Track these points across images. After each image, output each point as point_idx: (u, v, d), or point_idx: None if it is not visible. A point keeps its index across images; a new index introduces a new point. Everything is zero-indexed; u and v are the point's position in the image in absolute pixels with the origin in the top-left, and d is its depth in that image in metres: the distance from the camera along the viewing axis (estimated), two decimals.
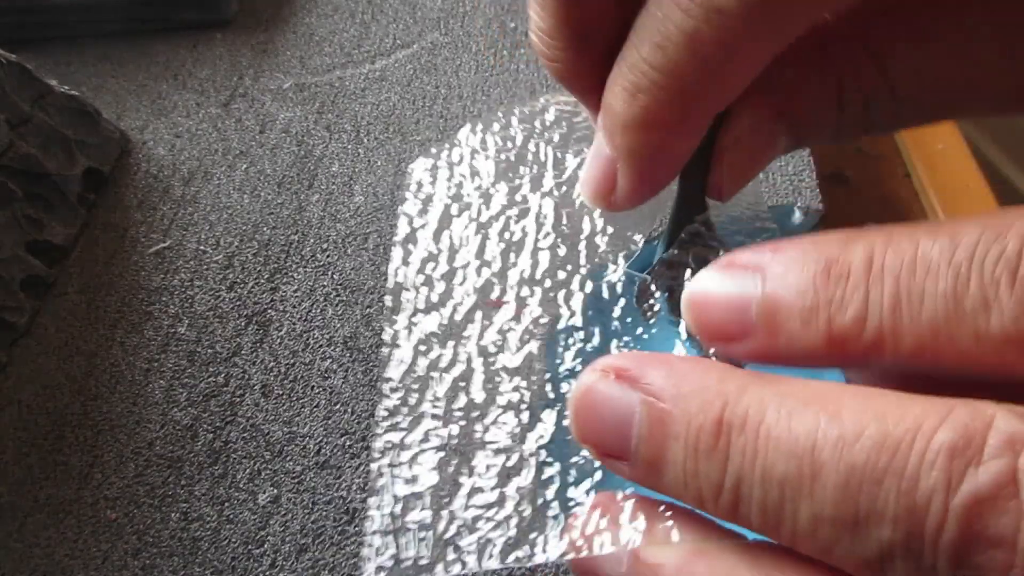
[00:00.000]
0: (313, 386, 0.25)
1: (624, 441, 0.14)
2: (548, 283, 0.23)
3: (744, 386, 0.13)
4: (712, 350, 0.15)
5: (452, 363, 0.22)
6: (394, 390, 0.21)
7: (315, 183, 0.31)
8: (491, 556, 0.18)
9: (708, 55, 0.15)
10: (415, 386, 0.21)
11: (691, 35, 0.15)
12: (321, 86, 0.35)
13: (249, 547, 0.22)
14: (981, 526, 0.10)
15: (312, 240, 0.29)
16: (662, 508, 0.14)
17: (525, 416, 0.22)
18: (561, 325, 0.22)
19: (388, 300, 0.23)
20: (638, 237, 0.23)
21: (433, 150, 0.27)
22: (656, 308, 0.20)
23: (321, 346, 0.26)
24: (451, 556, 0.18)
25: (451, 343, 0.22)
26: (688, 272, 0.19)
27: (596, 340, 0.20)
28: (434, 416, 0.21)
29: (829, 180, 0.27)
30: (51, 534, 0.23)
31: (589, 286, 0.23)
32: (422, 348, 0.22)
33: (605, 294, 0.21)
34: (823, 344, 0.13)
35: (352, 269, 0.28)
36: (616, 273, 0.21)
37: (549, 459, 0.20)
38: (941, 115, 0.18)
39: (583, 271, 0.23)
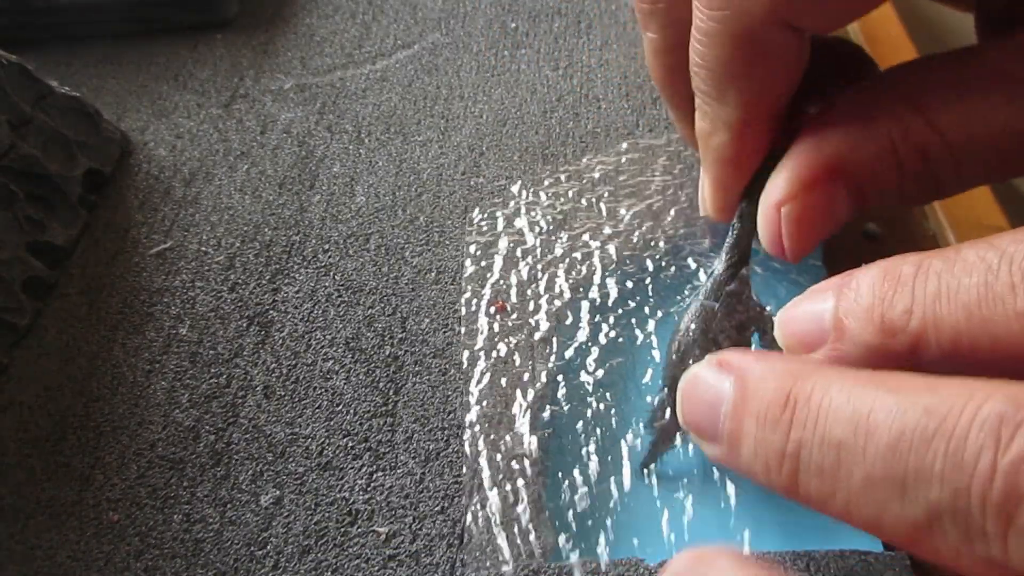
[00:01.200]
0: (315, 387, 0.25)
1: (715, 420, 0.16)
2: (620, 311, 0.24)
3: (815, 369, 0.14)
4: None
5: (533, 380, 0.23)
6: (477, 402, 0.23)
7: (316, 184, 0.31)
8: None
9: (730, 63, 0.18)
10: (497, 398, 0.23)
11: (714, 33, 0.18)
12: (322, 86, 0.35)
13: (252, 548, 0.22)
14: None
15: (314, 241, 0.29)
16: None
17: (614, 422, 0.23)
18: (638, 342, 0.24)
19: (463, 329, 0.24)
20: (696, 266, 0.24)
21: (489, 202, 0.28)
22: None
23: (323, 347, 0.26)
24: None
25: (530, 362, 0.23)
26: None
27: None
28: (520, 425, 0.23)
29: None
30: (53, 536, 0.23)
31: (659, 314, 0.24)
32: (502, 367, 0.24)
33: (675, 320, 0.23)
34: (877, 337, 0.15)
35: (354, 270, 0.28)
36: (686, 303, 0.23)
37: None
38: (1013, 169, 0.19)
39: (652, 301, 0.24)
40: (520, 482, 0.21)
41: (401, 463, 0.23)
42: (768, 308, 0.21)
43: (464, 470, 0.23)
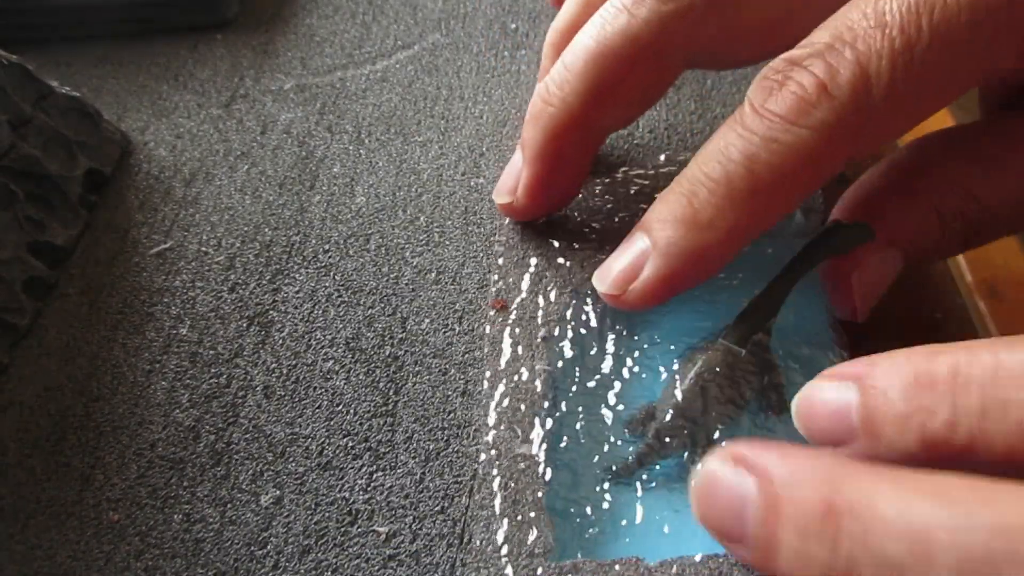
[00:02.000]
0: (315, 387, 0.25)
1: (741, 524, 0.15)
2: (646, 345, 0.24)
3: (852, 472, 0.14)
4: None
5: (534, 380, 0.23)
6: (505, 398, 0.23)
7: (316, 184, 0.31)
8: None
9: (759, 173, 0.19)
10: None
11: (749, 156, 0.19)
12: (322, 87, 0.35)
13: (252, 548, 0.22)
14: None
15: (314, 241, 0.29)
16: None
17: (614, 422, 0.23)
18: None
19: (487, 329, 0.24)
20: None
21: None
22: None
23: (323, 347, 0.26)
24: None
25: (535, 364, 0.23)
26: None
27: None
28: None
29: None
30: (53, 536, 0.23)
31: (683, 351, 0.23)
32: (509, 369, 0.24)
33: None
34: (918, 448, 0.14)
35: (354, 270, 0.28)
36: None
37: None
38: None
39: (673, 335, 0.24)
40: (520, 482, 0.21)
41: (401, 463, 0.23)
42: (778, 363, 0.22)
43: (465, 470, 0.23)
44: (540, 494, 0.21)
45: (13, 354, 0.27)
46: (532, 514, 0.21)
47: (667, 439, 0.21)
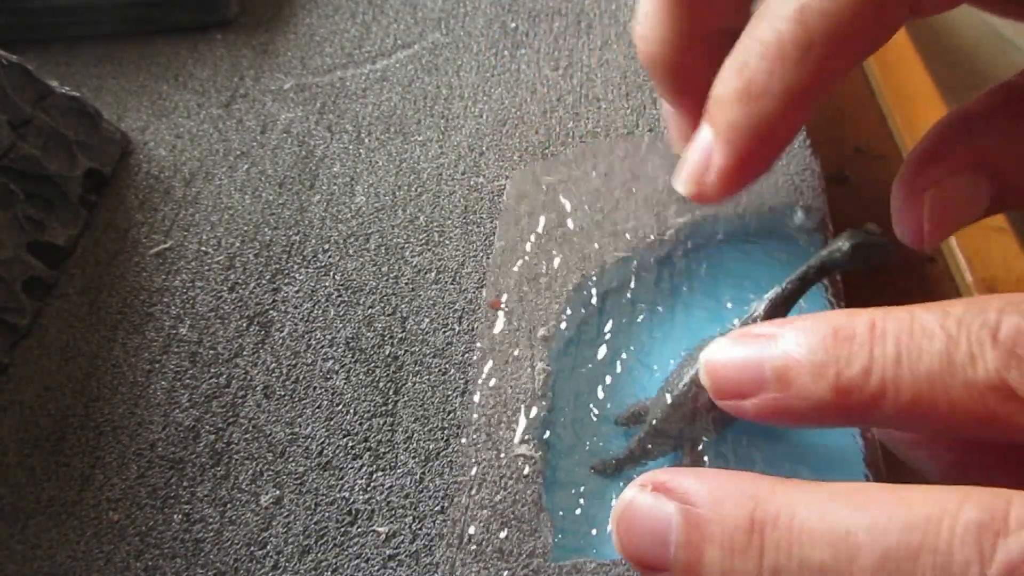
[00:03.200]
0: (315, 387, 0.25)
1: (663, 550, 0.15)
2: (644, 339, 0.24)
3: (773, 486, 0.14)
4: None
5: (535, 380, 0.23)
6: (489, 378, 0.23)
7: (316, 184, 0.31)
8: None
9: (812, 24, 0.17)
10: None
11: (801, 7, 0.17)
12: (322, 86, 0.35)
13: (252, 548, 0.22)
14: None
15: (314, 241, 0.29)
16: None
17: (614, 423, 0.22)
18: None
19: (478, 325, 0.24)
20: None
21: (530, 167, 0.27)
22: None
23: (323, 347, 0.26)
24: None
25: (537, 363, 0.23)
26: None
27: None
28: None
29: (829, 180, 0.27)
30: (53, 536, 0.23)
31: (682, 354, 0.23)
32: (509, 366, 0.23)
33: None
34: (831, 395, 0.14)
35: (354, 270, 0.28)
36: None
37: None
38: None
39: (675, 335, 0.24)
40: (520, 482, 0.21)
41: (401, 463, 0.23)
42: None
43: (464, 470, 0.23)
44: (539, 494, 0.21)
45: (13, 354, 0.27)
46: (532, 514, 0.21)
47: (650, 445, 0.21)
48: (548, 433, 0.22)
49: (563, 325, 0.24)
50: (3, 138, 0.27)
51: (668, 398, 0.21)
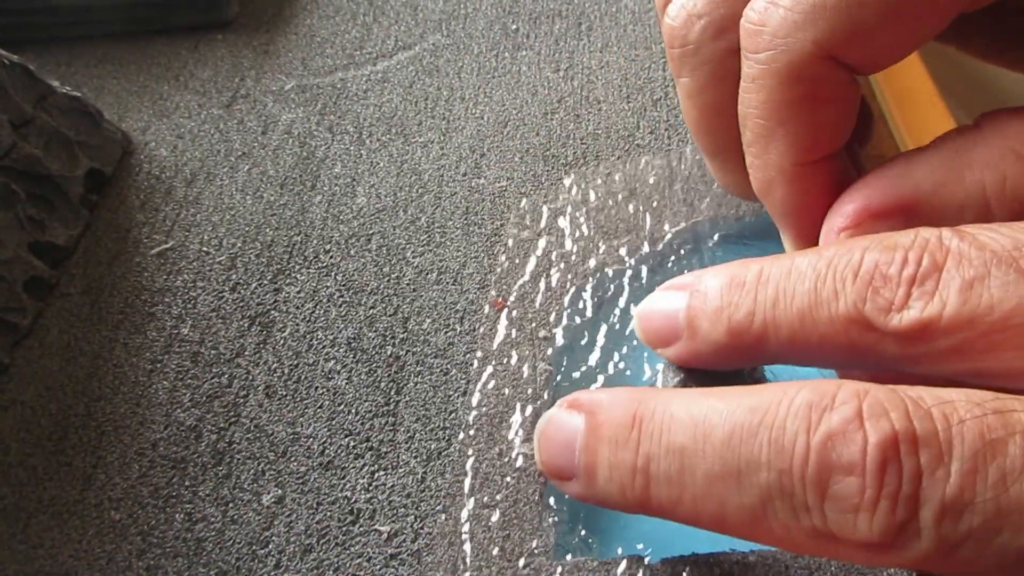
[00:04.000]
0: (316, 387, 0.25)
1: (571, 457, 0.17)
2: (634, 343, 0.24)
3: (657, 393, 0.16)
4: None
5: (535, 381, 0.23)
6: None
7: (318, 184, 0.31)
8: None
9: (778, 105, 0.18)
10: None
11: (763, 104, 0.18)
12: (323, 87, 0.35)
13: (254, 548, 0.22)
14: (836, 455, 0.13)
15: (315, 241, 0.29)
16: None
17: None
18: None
19: (480, 329, 0.24)
20: None
21: (538, 195, 0.28)
22: None
23: (324, 347, 0.26)
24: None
25: (536, 364, 0.24)
26: None
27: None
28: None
29: None
30: (55, 535, 0.23)
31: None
32: (509, 369, 0.24)
33: None
34: (725, 337, 0.16)
35: (355, 270, 0.28)
36: None
37: None
38: None
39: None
40: (521, 481, 0.21)
41: (403, 462, 0.23)
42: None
43: (466, 469, 0.23)
44: (540, 493, 0.21)
45: (14, 354, 0.27)
46: (533, 512, 0.21)
47: None
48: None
49: (558, 333, 0.25)
50: (4, 138, 0.27)
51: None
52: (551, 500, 0.21)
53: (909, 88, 0.32)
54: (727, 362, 0.17)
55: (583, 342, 0.24)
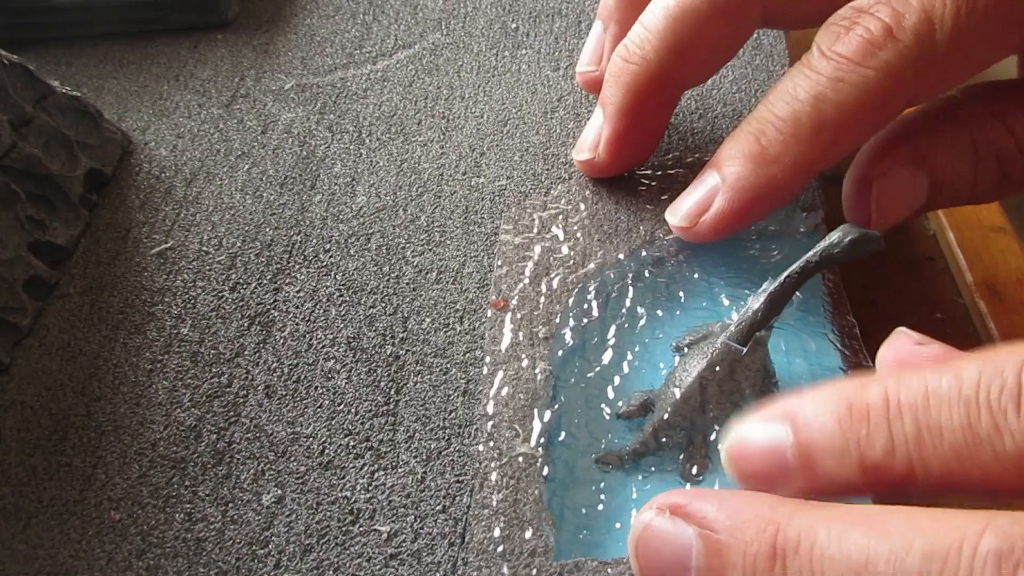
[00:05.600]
0: (316, 386, 0.25)
1: (684, 574, 0.15)
2: (647, 340, 0.24)
3: (793, 512, 0.14)
4: None
5: (537, 380, 0.23)
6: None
7: (317, 184, 0.31)
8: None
9: (825, 111, 0.20)
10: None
11: (816, 96, 0.20)
12: (323, 87, 0.35)
13: (253, 548, 0.22)
14: None
15: (315, 241, 0.29)
16: None
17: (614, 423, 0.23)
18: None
19: (486, 334, 0.24)
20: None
21: (527, 202, 0.28)
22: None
23: (324, 347, 0.26)
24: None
25: (540, 363, 0.24)
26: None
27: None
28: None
29: (829, 180, 0.27)
30: (55, 535, 0.23)
31: (686, 350, 0.23)
32: (514, 368, 0.24)
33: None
34: (859, 476, 0.14)
35: (355, 270, 0.28)
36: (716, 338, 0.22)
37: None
38: None
39: (677, 333, 0.24)
40: (521, 481, 0.21)
41: (403, 462, 0.23)
42: (773, 367, 0.22)
43: (466, 469, 0.23)
44: (541, 493, 0.21)
45: (14, 354, 0.27)
46: (533, 513, 0.21)
47: (663, 438, 0.21)
48: (547, 427, 0.22)
49: (566, 333, 0.24)
50: (4, 138, 0.27)
51: (676, 392, 0.21)
52: (551, 502, 0.21)
53: None
54: (861, 496, 0.15)
55: (593, 342, 0.24)
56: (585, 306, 0.25)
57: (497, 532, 0.21)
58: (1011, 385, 0.13)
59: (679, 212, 0.24)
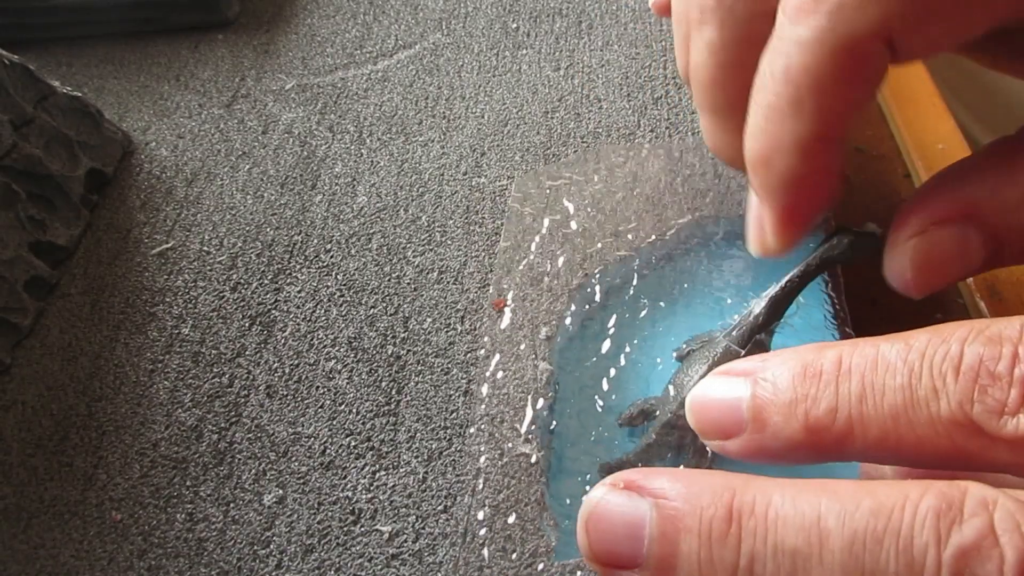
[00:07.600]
0: (317, 386, 0.25)
1: (636, 545, 0.15)
2: (646, 332, 0.24)
3: (748, 480, 0.15)
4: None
5: (538, 379, 0.23)
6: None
7: (318, 184, 0.31)
8: None
9: (798, 82, 0.17)
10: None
11: (785, 69, 0.17)
12: (323, 87, 0.35)
13: (255, 548, 0.22)
14: (970, 572, 0.12)
15: (316, 241, 0.29)
16: None
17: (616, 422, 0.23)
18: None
19: (485, 320, 0.24)
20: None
21: (535, 170, 0.28)
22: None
23: (325, 346, 0.26)
24: None
25: (542, 361, 0.23)
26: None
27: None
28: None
29: None
30: (56, 535, 0.23)
31: (683, 347, 0.23)
32: (515, 364, 0.24)
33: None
34: (802, 434, 0.15)
35: (356, 270, 0.28)
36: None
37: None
38: None
39: (679, 329, 0.24)
40: (522, 482, 0.21)
41: (404, 462, 0.23)
42: None
43: (467, 469, 0.23)
44: (542, 492, 0.21)
45: (15, 354, 0.27)
46: (535, 513, 0.21)
47: (666, 440, 0.21)
48: (555, 424, 0.22)
49: (567, 321, 0.24)
50: (5, 138, 0.27)
51: (678, 395, 0.21)
52: (552, 502, 0.21)
53: (909, 88, 0.32)
54: (800, 459, 0.16)
55: (593, 331, 0.24)
56: (589, 291, 0.25)
57: (498, 532, 0.21)
58: (953, 353, 0.14)
59: (750, 243, 0.21)
